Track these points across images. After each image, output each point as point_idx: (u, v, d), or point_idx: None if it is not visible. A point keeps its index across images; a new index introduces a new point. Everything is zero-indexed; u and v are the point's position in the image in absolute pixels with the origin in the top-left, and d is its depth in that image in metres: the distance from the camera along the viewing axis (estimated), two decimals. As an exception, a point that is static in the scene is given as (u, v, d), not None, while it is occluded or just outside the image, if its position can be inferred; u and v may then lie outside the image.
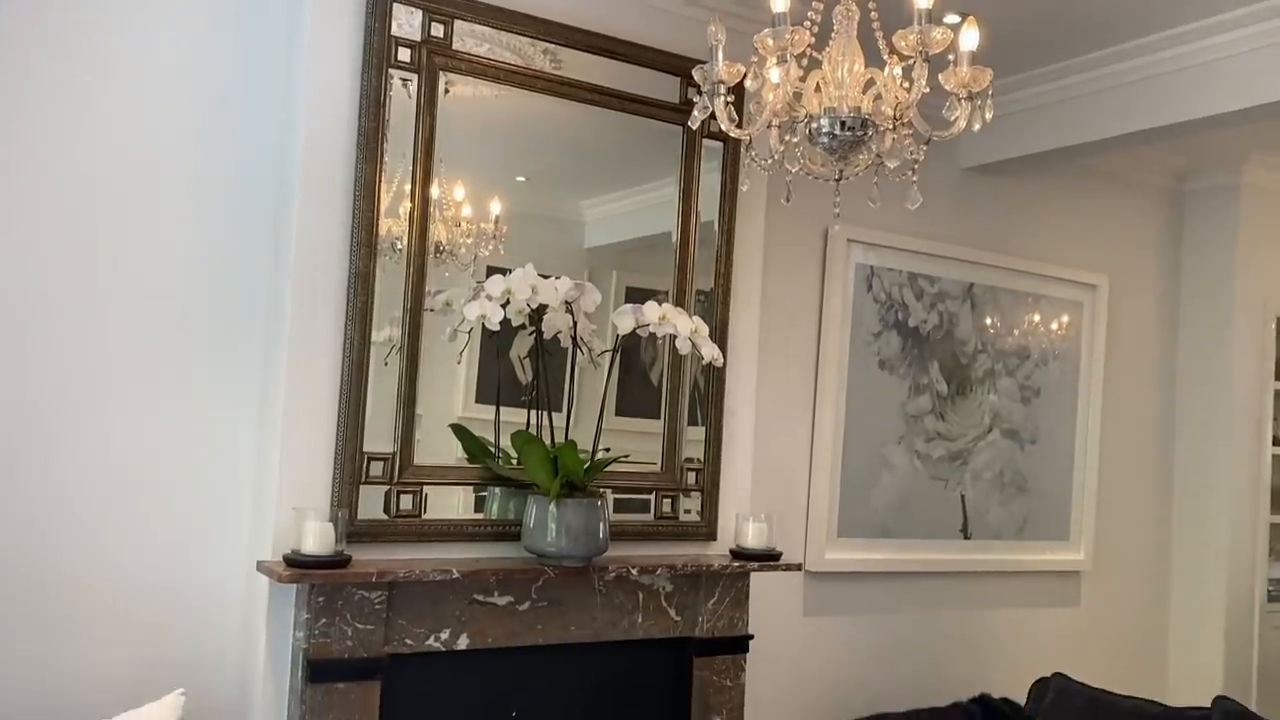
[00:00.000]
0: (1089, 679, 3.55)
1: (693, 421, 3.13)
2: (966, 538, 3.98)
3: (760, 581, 3.54)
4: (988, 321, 4.06)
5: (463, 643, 2.67)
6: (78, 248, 2.53)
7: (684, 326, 2.75)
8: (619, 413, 3.04)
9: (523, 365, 2.92)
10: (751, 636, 3.13)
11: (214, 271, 2.68)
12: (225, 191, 2.69)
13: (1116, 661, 4.38)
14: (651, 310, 2.74)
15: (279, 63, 2.72)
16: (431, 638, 2.63)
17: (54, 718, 2.33)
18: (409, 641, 2.60)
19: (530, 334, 2.84)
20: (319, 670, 2.46)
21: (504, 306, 2.62)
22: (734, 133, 2.07)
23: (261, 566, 2.49)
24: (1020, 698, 3.75)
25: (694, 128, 2.18)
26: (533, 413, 2.86)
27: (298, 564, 2.40)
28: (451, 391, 2.85)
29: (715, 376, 3.14)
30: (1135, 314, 4.52)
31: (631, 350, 3.05)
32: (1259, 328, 4.52)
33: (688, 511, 3.11)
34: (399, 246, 2.68)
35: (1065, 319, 4.26)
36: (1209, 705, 3.06)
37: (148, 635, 2.58)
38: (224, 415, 2.67)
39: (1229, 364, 4.46)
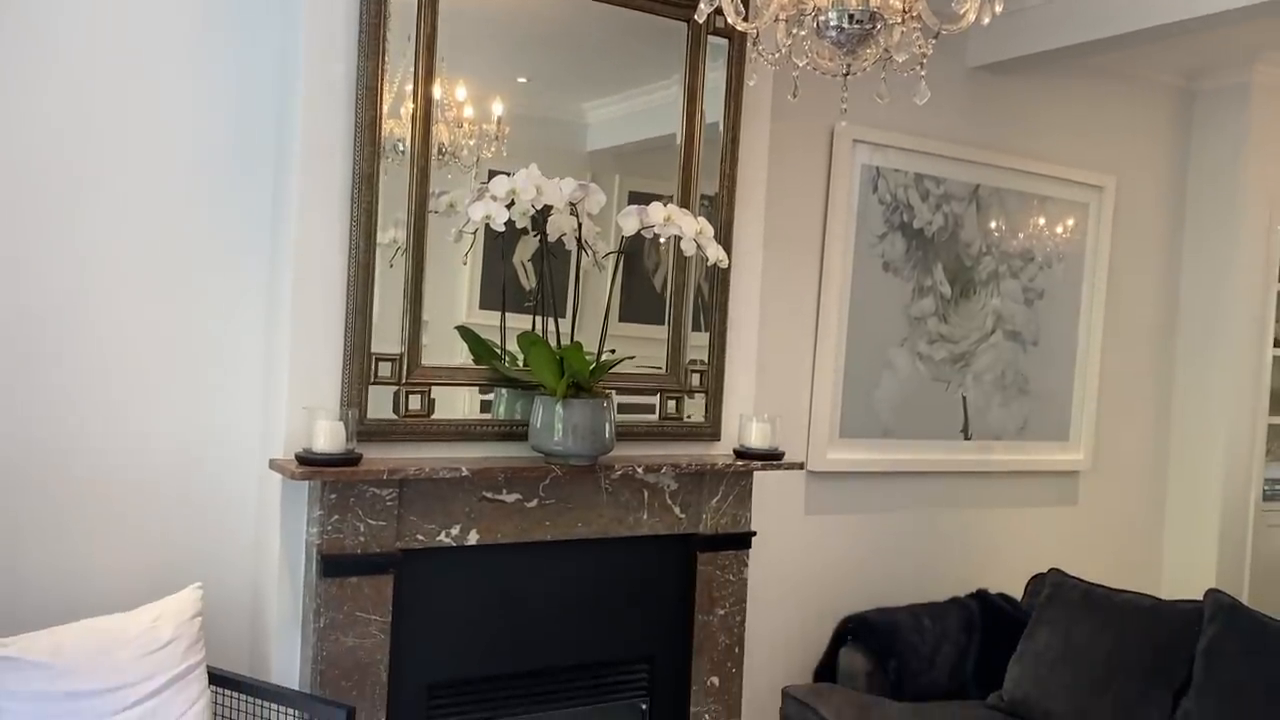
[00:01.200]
0: (1085, 576, 3.63)
1: (696, 328, 3.15)
2: (967, 438, 4.03)
3: (763, 481, 3.60)
4: (993, 224, 4.04)
5: (473, 538, 2.73)
6: (82, 145, 2.52)
7: (689, 227, 2.75)
8: (623, 319, 3.05)
9: (526, 271, 2.93)
10: (754, 533, 3.20)
11: (219, 173, 2.67)
12: (228, 92, 2.67)
13: (1112, 559, 4.48)
14: (656, 211, 2.73)
15: (275, -43, 2.68)
16: (442, 533, 2.69)
17: (75, 613, 2.40)
18: (420, 537, 2.66)
19: (534, 237, 2.85)
20: (332, 565, 2.52)
21: (508, 207, 2.62)
22: (740, 25, 2.04)
23: (274, 464, 2.53)
24: (1017, 594, 3.85)
25: (700, 21, 2.15)
26: (537, 319, 2.88)
27: (310, 461, 2.44)
28: (455, 298, 2.86)
29: (719, 279, 3.15)
30: (1141, 215, 4.49)
31: (635, 256, 3.05)
32: (1264, 229, 4.50)
33: (692, 414, 3.15)
34: (401, 148, 2.67)
35: (1071, 221, 4.24)
36: (1201, 599, 3.14)
37: (164, 534, 2.64)
38: (232, 316, 2.69)
39: (1233, 264, 4.45)
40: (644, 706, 3.09)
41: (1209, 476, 4.53)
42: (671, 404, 3.12)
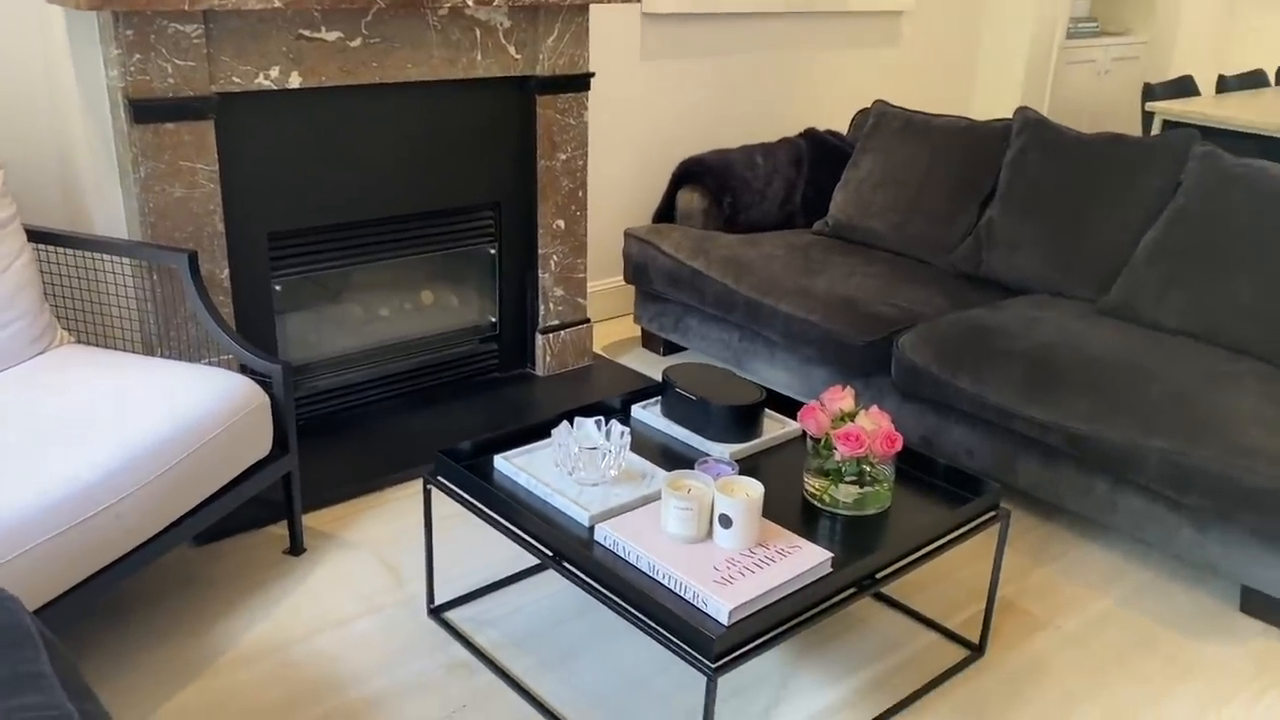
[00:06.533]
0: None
1: None
2: (800, -24, 3.94)
3: (599, 25, 3.47)
4: None
5: (295, 81, 2.54)
6: None
7: None
8: None
9: None
10: (592, 74, 3.11)
11: None
12: None
13: (930, 94, 4.67)
14: None
15: None
16: (260, 76, 2.48)
17: None
18: (236, 79, 2.45)
19: None
20: (143, 110, 2.30)
21: None
22: None
23: (51, -3, 2.22)
24: (844, 130, 3.99)
25: None
26: None
27: (94, -11, 2.14)
28: None
29: None
30: None
31: None
32: None
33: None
34: None
35: None
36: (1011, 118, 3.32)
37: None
38: None
39: None
40: (492, 251, 3.15)
41: (1021, 14, 4.65)
42: (497, -69, 2.86)
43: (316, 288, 2.90)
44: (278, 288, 2.73)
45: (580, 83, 3.09)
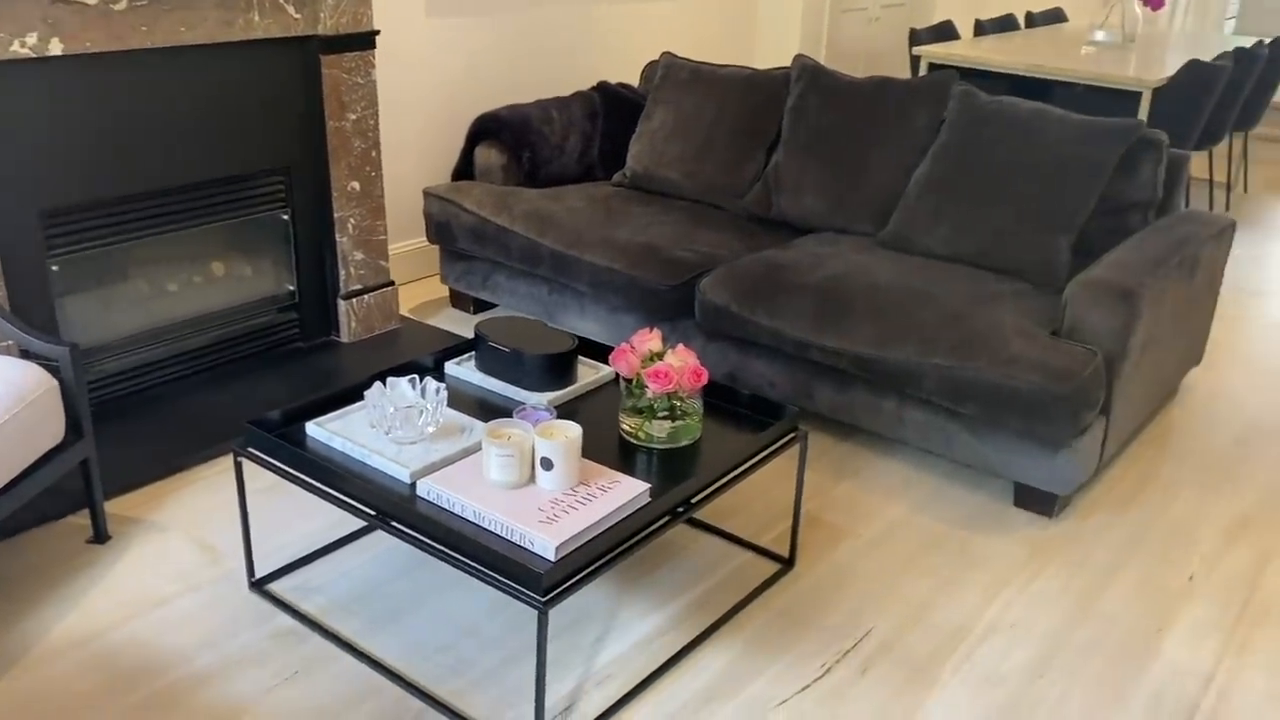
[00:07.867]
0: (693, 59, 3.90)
1: None
2: (581, -70, 3.96)
3: (380, -23, 3.39)
4: None
5: (56, 48, 2.38)
6: None
7: None
8: None
9: None
10: (377, 32, 3.05)
11: None
12: None
13: (715, 44, 4.81)
14: None
15: None
16: (15, 44, 2.31)
17: None
18: (-12, 46, 2.27)
19: None
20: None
21: None
22: None
23: None
24: (635, 82, 4.07)
25: None
26: None
27: None
28: None
29: None
30: None
31: None
32: None
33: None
34: None
35: None
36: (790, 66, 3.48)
37: None
38: None
39: None
40: (285, 217, 3.06)
41: (796, -35, 4.85)
42: (265, -116, 2.75)
43: (98, 266, 2.74)
44: (55, 268, 2.57)
45: (365, 40, 3.03)
